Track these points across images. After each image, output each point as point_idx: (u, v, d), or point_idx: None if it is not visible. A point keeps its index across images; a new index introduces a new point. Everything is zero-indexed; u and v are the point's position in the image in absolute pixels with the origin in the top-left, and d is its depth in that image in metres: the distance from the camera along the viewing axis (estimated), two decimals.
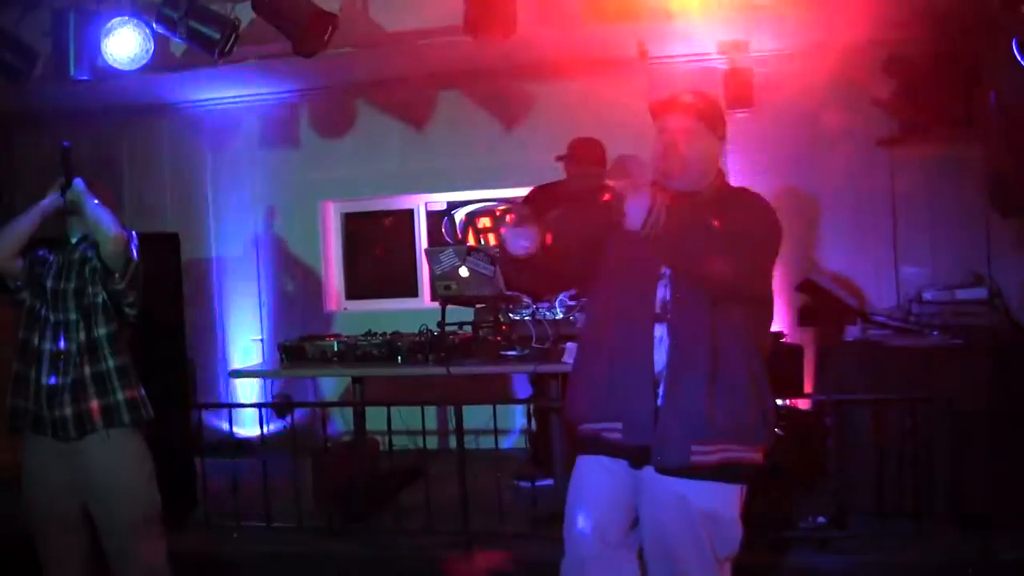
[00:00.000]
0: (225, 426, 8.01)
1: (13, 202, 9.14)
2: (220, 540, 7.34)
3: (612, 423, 4.11)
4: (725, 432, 3.98)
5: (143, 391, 5.28)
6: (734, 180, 9.13)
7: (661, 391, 4.02)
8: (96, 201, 5.10)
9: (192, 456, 7.79)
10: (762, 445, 4.12)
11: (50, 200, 5.15)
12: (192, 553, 5.24)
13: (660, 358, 4.05)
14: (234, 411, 8.42)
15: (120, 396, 5.14)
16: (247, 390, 10.33)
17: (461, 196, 10.35)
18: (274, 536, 7.35)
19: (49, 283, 5.18)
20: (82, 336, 5.11)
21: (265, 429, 7.80)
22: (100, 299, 5.17)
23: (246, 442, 8.34)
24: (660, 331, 4.06)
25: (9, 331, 5.54)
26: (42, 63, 7.42)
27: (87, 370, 5.09)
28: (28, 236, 5.19)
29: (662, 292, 4.09)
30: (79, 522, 5.15)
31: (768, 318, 4.30)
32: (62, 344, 5.10)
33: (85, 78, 7.22)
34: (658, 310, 4.08)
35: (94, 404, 5.06)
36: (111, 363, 5.16)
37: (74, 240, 5.32)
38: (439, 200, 10.48)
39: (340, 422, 7.77)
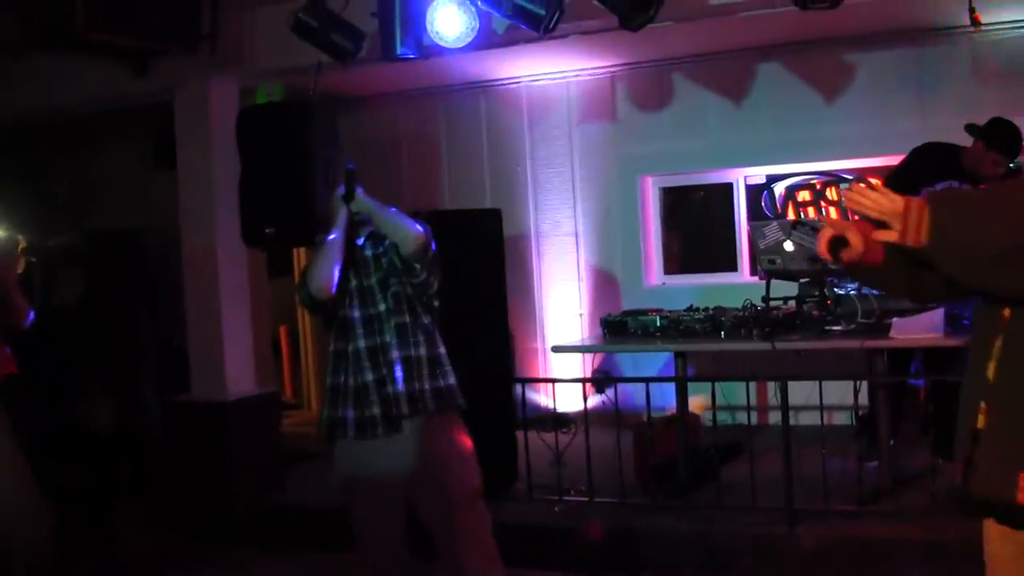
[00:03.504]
0: (544, 401, 8.09)
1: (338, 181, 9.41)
2: (542, 513, 7.45)
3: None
4: None
5: (454, 379, 5.23)
6: None
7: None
8: (387, 207, 5.15)
9: (514, 430, 7.90)
10: None
11: (340, 229, 5.16)
12: (514, 525, 5.30)
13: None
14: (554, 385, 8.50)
15: (429, 385, 5.12)
16: (564, 364, 10.42)
17: (780, 170, 10.21)
18: (595, 510, 7.41)
19: (352, 282, 5.20)
20: (393, 325, 5.12)
21: (585, 404, 7.82)
22: (404, 291, 5.15)
23: (566, 416, 8.39)
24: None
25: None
26: (367, 44, 7.58)
27: (401, 355, 5.08)
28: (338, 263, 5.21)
29: None
30: (397, 502, 5.17)
31: None
32: (377, 339, 5.11)
33: (411, 56, 7.34)
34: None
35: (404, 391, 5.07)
36: (424, 351, 5.13)
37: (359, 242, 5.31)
38: (758, 174, 10.33)
39: (660, 397, 7.73)
